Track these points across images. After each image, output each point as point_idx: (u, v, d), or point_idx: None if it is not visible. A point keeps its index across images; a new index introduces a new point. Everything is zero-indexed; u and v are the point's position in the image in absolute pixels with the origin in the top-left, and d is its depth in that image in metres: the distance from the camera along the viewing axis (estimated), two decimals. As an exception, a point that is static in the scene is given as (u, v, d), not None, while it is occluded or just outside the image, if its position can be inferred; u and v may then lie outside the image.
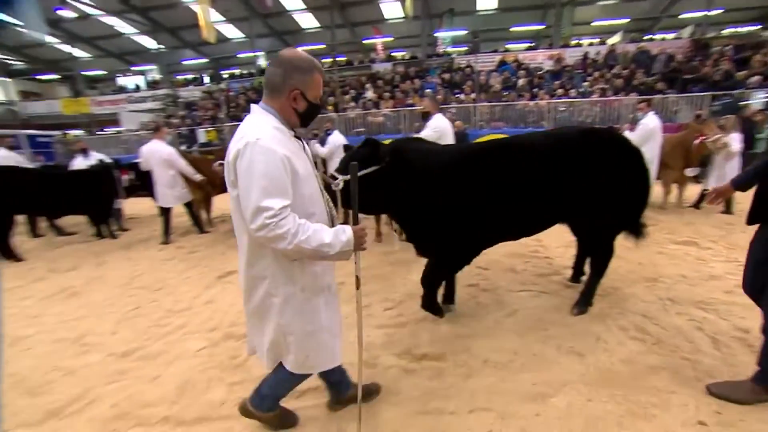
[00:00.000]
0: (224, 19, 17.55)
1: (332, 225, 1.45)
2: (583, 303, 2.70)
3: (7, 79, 19.85)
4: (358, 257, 1.45)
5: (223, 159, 2.49)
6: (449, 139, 3.77)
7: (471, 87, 11.10)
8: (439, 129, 3.73)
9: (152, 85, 19.65)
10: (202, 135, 11.43)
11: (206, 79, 18.66)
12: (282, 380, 1.58)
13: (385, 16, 17.31)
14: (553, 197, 2.31)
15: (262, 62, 18.26)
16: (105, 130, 18.79)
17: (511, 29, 18.06)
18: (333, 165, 4.67)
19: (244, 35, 19.03)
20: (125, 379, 2.20)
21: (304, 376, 1.57)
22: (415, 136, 3.13)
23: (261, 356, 1.52)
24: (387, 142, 3.77)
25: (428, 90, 10.74)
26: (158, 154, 4.86)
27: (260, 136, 1.23)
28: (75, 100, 18.51)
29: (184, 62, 21.81)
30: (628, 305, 2.74)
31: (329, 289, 1.52)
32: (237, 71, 18.67)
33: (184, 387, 2.10)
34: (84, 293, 3.56)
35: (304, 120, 1.40)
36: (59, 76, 22.10)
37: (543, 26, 17.48)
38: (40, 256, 4.82)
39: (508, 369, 2.10)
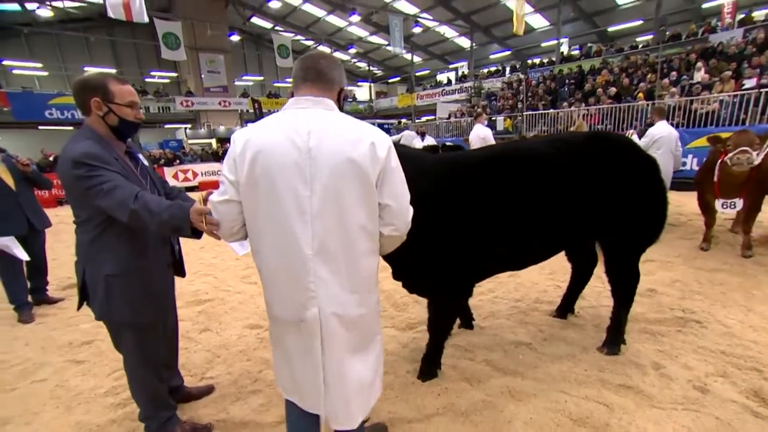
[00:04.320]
0: (532, 9, 18.32)
1: None
2: (614, 341, 2.40)
3: (372, 84, 28.31)
4: None
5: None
6: None
7: None
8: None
9: (460, 78, 23.19)
10: (501, 123, 12.93)
11: (507, 71, 20.21)
12: None
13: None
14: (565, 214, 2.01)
15: (565, 49, 17.98)
16: (422, 118, 23.97)
17: None
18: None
19: (549, 23, 19.25)
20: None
21: None
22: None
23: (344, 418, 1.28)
24: (724, 135, 3.60)
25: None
26: (476, 135, 6.52)
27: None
28: (407, 96, 24.41)
29: (491, 56, 24.24)
30: None
31: None
32: (537, 60, 19.20)
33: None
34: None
35: None
36: (400, 78, 29.62)
37: None
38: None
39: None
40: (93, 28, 20.56)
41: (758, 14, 12.71)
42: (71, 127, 18.49)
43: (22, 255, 3.31)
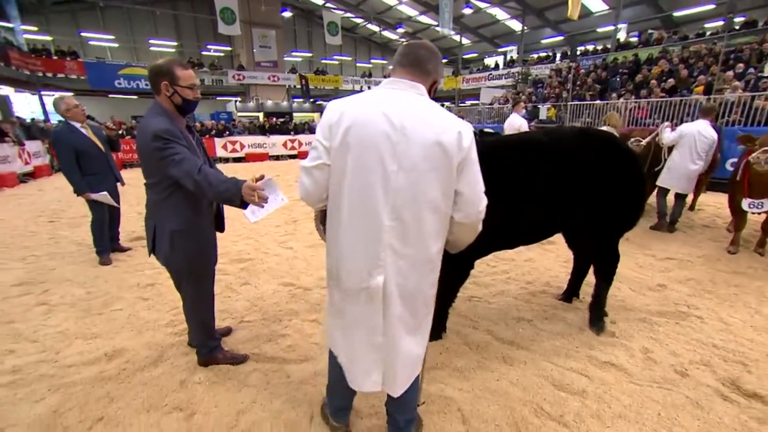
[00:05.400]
0: (593, -9, 17.28)
1: None
2: (599, 317, 2.70)
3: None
4: None
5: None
6: None
7: None
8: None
9: (508, 63, 22.45)
10: (544, 111, 12.58)
11: (558, 57, 19.34)
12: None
13: None
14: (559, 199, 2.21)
15: (622, 35, 16.89)
16: (465, 102, 23.57)
17: None
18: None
19: (608, 7, 18.08)
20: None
21: None
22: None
23: (390, 382, 1.40)
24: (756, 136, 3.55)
25: None
26: (510, 124, 6.50)
27: None
28: (453, 78, 24.00)
29: (543, 41, 23.19)
30: None
31: None
32: (591, 47, 18.21)
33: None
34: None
35: None
36: (447, 60, 29.03)
37: None
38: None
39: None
40: (159, 2, 21.81)
41: None
42: (136, 96, 20.03)
43: (116, 203, 4.05)
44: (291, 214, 6.18)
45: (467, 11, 20.58)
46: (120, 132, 4.18)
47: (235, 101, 21.67)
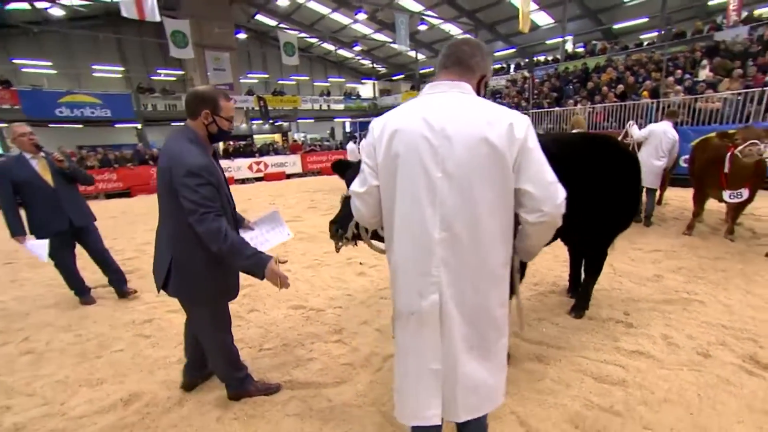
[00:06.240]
0: (537, 7, 18.50)
1: None
2: (581, 306, 2.94)
3: (376, 81, 28.50)
4: None
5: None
6: None
7: None
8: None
9: (466, 76, 23.37)
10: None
11: (512, 68, 20.41)
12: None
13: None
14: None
15: (569, 47, 18.19)
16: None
17: None
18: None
19: (553, 21, 19.45)
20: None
21: None
22: None
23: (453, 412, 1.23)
24: (731, 131, 3.93)
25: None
26: None
27: None
28: (411, 93, 24.60)
29: (496, 53, 24.42)
30: None
31: None
32: (542, 58, 19.41)
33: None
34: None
35: None
36: (403, 75, 29.80)
37: None
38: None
39: None
40: (100, 26, 20.76)
41: (762, 11, 12.92)
42: (81, 125, 18.78)
43: (44, 257, 3.26)
44: (278, 234, 5.99)
45: (422, 28, 21.37)
46: (68, 165, 3.51)
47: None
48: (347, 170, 2.08)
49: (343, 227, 1.95)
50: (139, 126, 19.53)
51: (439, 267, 1.16)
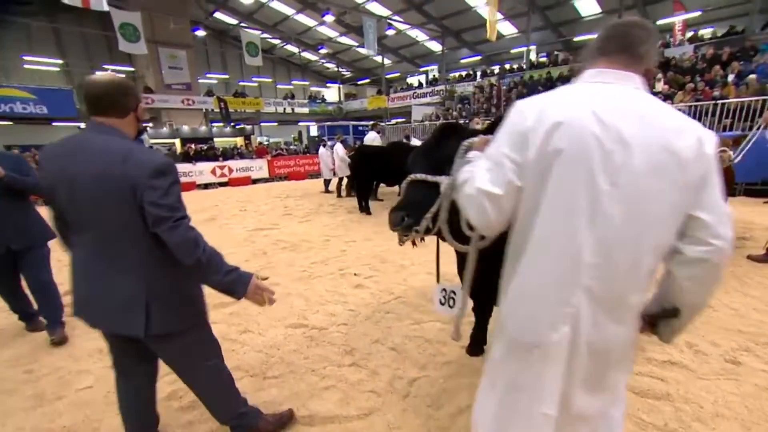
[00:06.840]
0: (502, 17, 19.12)
1: None
2: None
3: (341, 85, 28.17)
4: None
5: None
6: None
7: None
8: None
9: (431, 82, 23.69)
10: (475, 126, 13.41)
11: (478, 75, 20.91)
12: None
13: (693, -13, 14.66)
14: None
15: (533, 56, 18.94)
16: (391, 120, 24.23)
17: None
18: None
19: (517, 31, 20.20)
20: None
21: None
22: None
23: None
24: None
25: (752, 76, 8.58)
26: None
27: None
28: (378, 98, 24.55)
29: (462, 60, 24.94)
30: None
31: None
32: (507, 66, 20.05)
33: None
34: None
35: None
36: (369, 80, 29.72)
37: None
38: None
39: None
40: (32, 13, 18.81)
41: (704, 31, 14.12)
42: (11, 122, 16.86)
43: None
44: (254, 245, 5.55)
45: (390, 32, 21.37)
46: (4, 174, 2.56)
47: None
48: (452, 137, 1.61)
49: (414, 218, 1.59)
50: (82, 125, 17.90)
51: (580, 297, 0.95)
